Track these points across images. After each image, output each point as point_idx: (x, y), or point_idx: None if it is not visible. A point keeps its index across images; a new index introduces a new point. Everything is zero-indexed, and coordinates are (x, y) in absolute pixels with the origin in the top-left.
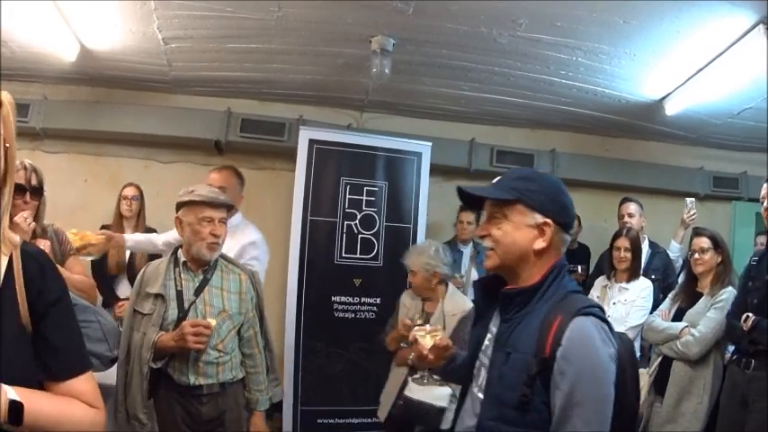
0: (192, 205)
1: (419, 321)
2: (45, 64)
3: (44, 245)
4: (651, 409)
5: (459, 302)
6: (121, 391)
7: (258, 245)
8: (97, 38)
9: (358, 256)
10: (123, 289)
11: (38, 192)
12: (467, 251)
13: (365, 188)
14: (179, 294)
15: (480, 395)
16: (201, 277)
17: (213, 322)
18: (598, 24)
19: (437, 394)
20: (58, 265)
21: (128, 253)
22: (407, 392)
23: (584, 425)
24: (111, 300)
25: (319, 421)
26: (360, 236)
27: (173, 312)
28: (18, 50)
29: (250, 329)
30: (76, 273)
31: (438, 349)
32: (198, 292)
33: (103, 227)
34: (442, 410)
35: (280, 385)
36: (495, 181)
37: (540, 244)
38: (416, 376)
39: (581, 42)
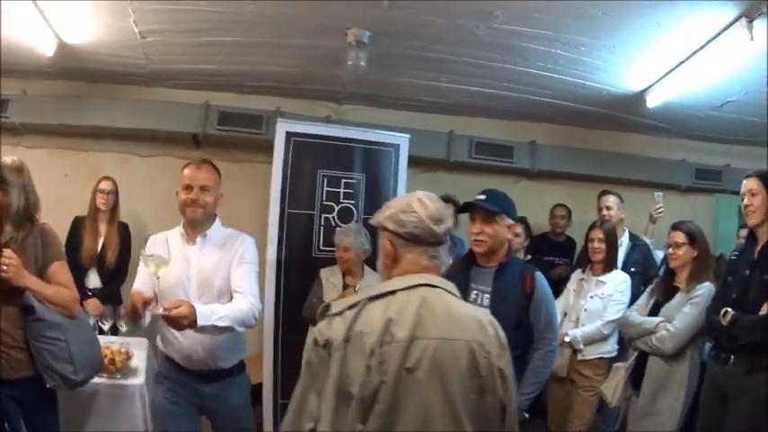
0: None
1: None
2: (23, 59)
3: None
4: (628, 403)
5: (375, 276)
6: None
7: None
8: (74, 32)
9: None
10: (92, 281)
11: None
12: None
13: (343, 180)
14: None
15: None
16: None
17: None
18: (577, 16)
19: None
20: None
21: (100, 244)
22: None
23: None
24: (81, 296)
25: None
26: (338, 228)
27: None
28: None
29: None
30: (58, 282)
31: None
32: None
33: (77, 219)
34: None
35: None
36: (483, 198)
37: (509, 236)
38: None
39: (560, 34)
